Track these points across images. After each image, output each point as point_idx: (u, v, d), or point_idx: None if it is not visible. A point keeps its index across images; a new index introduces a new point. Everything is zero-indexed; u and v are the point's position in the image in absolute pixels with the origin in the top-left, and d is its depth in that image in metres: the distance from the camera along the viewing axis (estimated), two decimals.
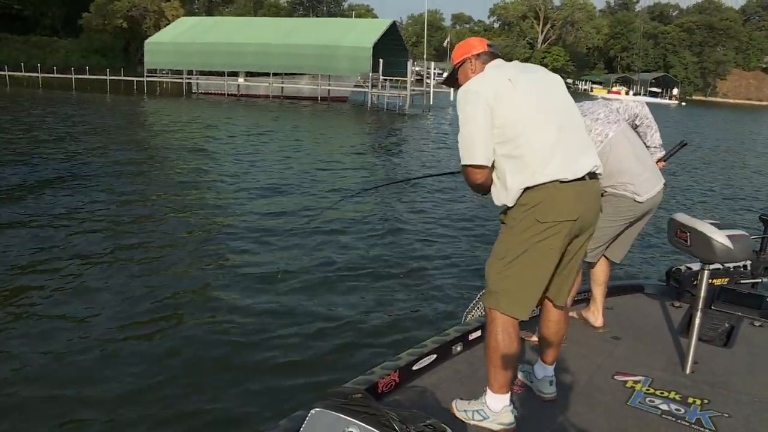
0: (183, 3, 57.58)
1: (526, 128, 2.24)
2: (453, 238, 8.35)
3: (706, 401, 2.63)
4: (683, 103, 72.29)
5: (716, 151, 22.68)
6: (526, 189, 2.24)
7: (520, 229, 2.25)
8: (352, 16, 66.99)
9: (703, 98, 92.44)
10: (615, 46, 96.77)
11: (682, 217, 2.96)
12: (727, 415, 2.53)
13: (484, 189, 2.40)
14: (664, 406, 2.58)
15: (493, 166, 2.33)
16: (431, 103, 36.45)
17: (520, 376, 2.74)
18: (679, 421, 2.47)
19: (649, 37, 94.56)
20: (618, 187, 3.17)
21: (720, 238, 2.72)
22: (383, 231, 8.46)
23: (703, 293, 2.83)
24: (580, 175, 2.27)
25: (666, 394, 2.69)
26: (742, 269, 4.15)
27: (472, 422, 2.39)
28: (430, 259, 7.28)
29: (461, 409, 2.45)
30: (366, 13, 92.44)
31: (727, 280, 4.07)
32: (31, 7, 57.04)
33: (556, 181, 2.22)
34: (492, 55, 2.49)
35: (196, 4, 65.68)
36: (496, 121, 2.25)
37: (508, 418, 2.34)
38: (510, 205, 2.30)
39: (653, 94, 78.95)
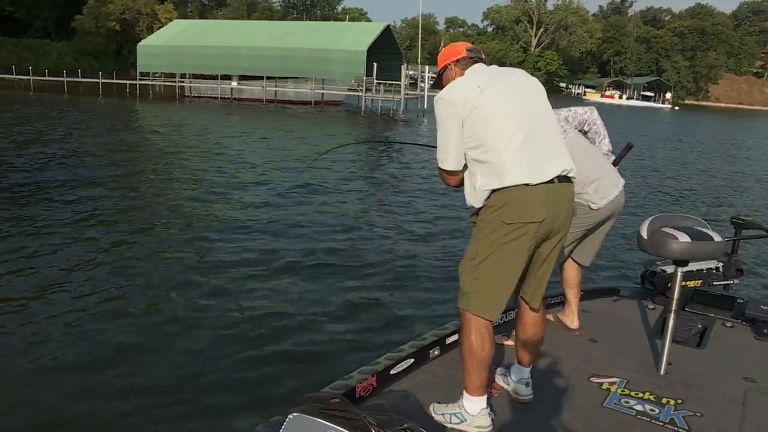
0: (176, 6, 57.37)
1: (493, 133, 2.29)
2: (433, 239, 8.34)
3: (679, 401, 2.68)
4: (676, 107, 72.68)
5: (707, 154, 22.80)
6: (493, 191, 2.29)
7: (488, 231, 2.31)
8: (345, 20, 66.93)
9: (696, 102, 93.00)
10: (608, 50, 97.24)
11: (653, 222, 3.02)
12: (699, 415, 2.57)
13: (457, 187, 2.51)
14: (638, 407, 2.62)
15: (465, 169, 2.42)
16: (425, 107, 36.44)
17: (497, 379, 2.77)
18: (653, 421, 2.51)
19: (642, 42, 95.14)
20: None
21: (683, 239, 2.80)
22: (362, 231, 8.50)
23: (676, 295, 2.89)
24: (548, 179, 2.30)
25: (641, 394, 2.73)
26: (714, 271, 4.20)
27: (449, 425, 2.41)
28: (411, 261, 7.23)
29: (439, 412, 2.46)
30: (360, 16, 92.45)
31: (700, 282, 4.13)
32: (23, 10, 56.61)
33: (523, 184, 2.26)
34: (471, 60, 2.51)
35: (190, 7, 65.46)
36: (466, 128, 2.32)
37: (486, 421, 2.37)
38: (477, 206, 2.38)
39: (646, 98, 79.44)
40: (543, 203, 2.28)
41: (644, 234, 2.97)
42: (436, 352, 3.02)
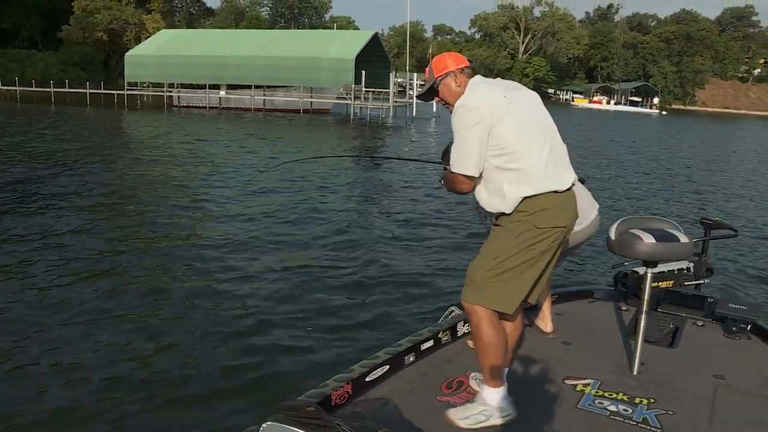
0: (164, 15, 57.35)
1: (523, 143, 2.42)
2: (415, 245, 8.32)
3: (652, 400, 2.73)
4: (664, 112, 73.21)
5: (691, 158, 22.95)
6: (525, 198, 2.42)
7: (516, 233, 2.43)
8: (333, 28, 67.07)
9: (683, 107, 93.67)
10: (595, 56, 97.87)
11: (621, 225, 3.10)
12: (671, 413, 2.63)
13: (465, 193, 2.59)
14: (612, 407, 2.67)
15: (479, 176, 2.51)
16: (414, 114, 36.52)
17: (471, 383, 2.81)
18: (626, 421, 2.56)
19: (629, 47, 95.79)
20: None
21: (648, 240, 2.87)
22: (346, 237, 8.53)
23: (646, 296, 2.94)
24: (566, 187, 2.50)
25: (614, 395, 2.78)
26: (685, 271, 4.25)
27: (478, 426, 2.46)
28: (387, 268, 7.21)
29: (462, 417, 2.49)
30: (347, 24, 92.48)
31: (672, 282, 4.18)
32: (9, 19, 56.27)
33: (553, 191, 2.44)
34: (473, 71, 2.60)
35: (177, 17, 65.39)
36: (494, 136, 2.40)
37: (509, 407, 2.50)
38: (508, 212, 2.47)
39: (634, 103, 79.94)
40: (567, 209, 2.49)
41: (612, 235, 3.05)
42: (411, 359, 3.04)
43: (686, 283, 4.21)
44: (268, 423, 1.69)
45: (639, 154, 23.38)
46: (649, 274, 2.94)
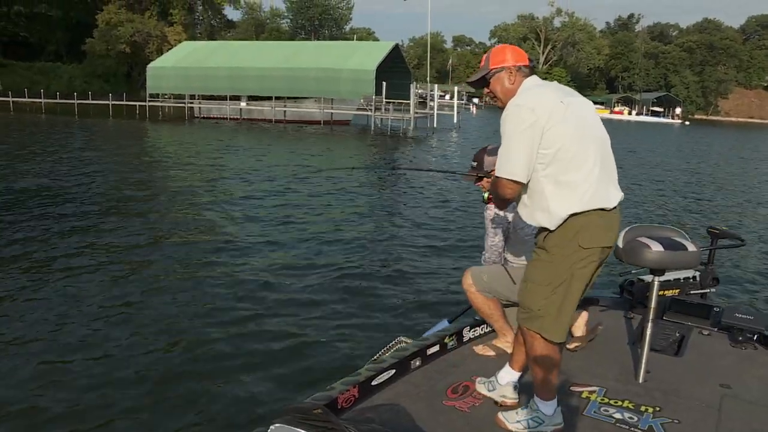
0: (185, 28, 57.99)
1: (576, 154, 2.27)
2: (429, 250, 8.48)
3: (657, 409, 2.72)
4: (687, 123, 72.25)
5: (713, 168, 22.46)
6: (571, 215, 2.27)
7: (563, 255, 2.31)
8: (353, 39, 67.29)
9: (706, 117, 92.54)
10: (616, 67, 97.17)
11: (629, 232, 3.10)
12: (677, 422, 2.61)
13: (509, 202, 2.47)
14: (618, 415, 2.65)
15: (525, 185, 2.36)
16: (435, 125, 36.32)
17: (478, 387, 2.81)
18: (632, 429, 2.55)
19: (650, 57, 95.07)
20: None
21: (656, 248, 2.85)
22: (358, 242, 8.76)
23: (653, 304, 2.93)
24: (613, 206, 2.35)
25: (620, 403, 2.77)
26: (692, 280, 4.24)
27: (528, 430, 2.49)
28: (399, 273, 7.35)
29: (513, 421, 2.50)
30: (367, 36, 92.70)
31: (678, 291, 4.16)
32: (36, 34, 57.61)
33: (600, 209, 2.29)
34: (531, 71, 2.49)
35: (199, 29, 66.06)
36: (546, 143, 2.25)
37: (560, 418, 2.50)
38: (552, 228, 2.32)
39: (655, 114, 79.13)
40: (612, 229, 2.36)
41: (620, 243, 3.01)
42: (418, 363, 3.06)
43: (692, 292, 4.20)
44: (277, 425, 1.71)
45: (655, 164, 23.03)
46: (656, 283, 2.92)
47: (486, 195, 3.12)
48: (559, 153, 2.26)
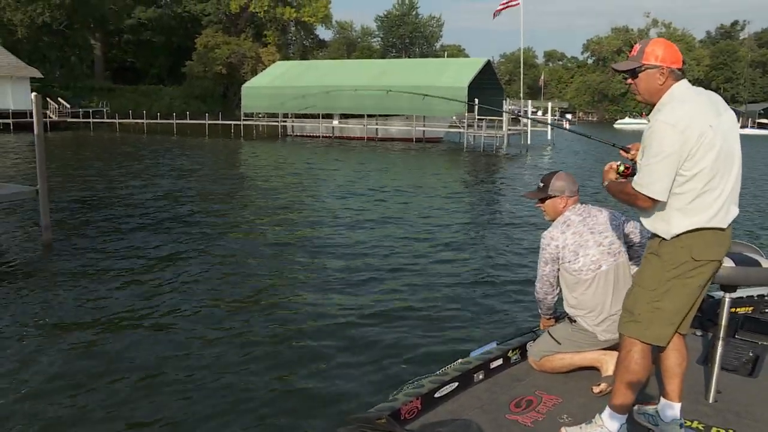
0: (279, 48, 59.64)
1: (714, 178, 2.28)
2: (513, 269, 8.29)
3: (730, 430, 2.61)
4: None
5: None
6: (690, 230, 2.31)
7: (673, 263, 2.34)
8: (444, 56, 66.89)
9: None
10: (718, 77, 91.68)
11: None
12: None
13: (640, 209, 2.45)
14: None
15: None
16: (528, 142, 35.19)
17: (639, 419, 2.71)
18: None
19: (756, 66, 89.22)
20: (579, 318, 3.15)
21: (727, 264, 2.71)
22: (441, 254, 8.96)
23: (724, 322, 2.84)
24: (729, 224, 2.37)
25: (689, 423, 2.68)
26: (767, 298, 4.08)
27: None
28: (473, 286, 7.38)
29: None
30: (458, 52, 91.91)
31: (751, 309, 4.02)
32: (141, 60, 61.16)
33: (719, 228, 2.33)
34: (681, 75, 2.39)
35: (292, 49, 67.82)
36: (688, 164, 2.25)
37: None
38: (667, 239, 2.36)
39: (762, 126, 73.94)
40: (724, 244, 2.38)
41: None
42: (481, 376, 3.05)
43: (767, 311, 4.01)
44: None
45: (747, 178, 21.25)
46: (727, 299, 2.85)
47: (622, 168, 2.69)
48: (698, 175, 2.27)
